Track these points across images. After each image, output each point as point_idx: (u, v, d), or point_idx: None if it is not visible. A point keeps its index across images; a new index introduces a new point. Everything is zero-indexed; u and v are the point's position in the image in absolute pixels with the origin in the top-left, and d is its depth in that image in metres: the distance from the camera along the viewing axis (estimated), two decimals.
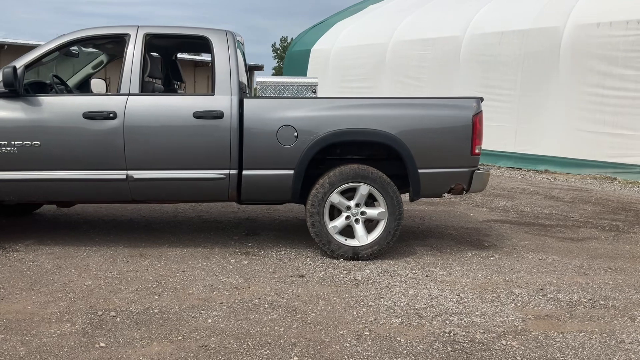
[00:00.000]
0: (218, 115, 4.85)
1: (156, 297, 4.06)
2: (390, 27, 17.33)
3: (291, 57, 20.91)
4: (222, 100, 4.89)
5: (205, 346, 3.29)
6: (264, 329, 3.55)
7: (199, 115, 4.85)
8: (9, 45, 34.61)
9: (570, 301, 4.23)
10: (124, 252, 5.12)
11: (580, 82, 12.42)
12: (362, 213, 5.08)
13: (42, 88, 5.21)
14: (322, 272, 4.73)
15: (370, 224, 5.16)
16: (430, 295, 4.26)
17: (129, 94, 4.88)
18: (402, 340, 3.45)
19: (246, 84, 5.20)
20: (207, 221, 6.54)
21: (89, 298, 3.99)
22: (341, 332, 3.53)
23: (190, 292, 4.18)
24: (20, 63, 4.84)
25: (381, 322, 3.71)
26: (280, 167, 4.95)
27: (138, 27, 5.05)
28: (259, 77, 5.11)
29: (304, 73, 19.71)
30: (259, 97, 5.06)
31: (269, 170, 4.97)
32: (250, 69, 38.35)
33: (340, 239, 5.06)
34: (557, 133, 12.83)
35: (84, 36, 5.05)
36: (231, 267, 4.80)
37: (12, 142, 4.77)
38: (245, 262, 4.93)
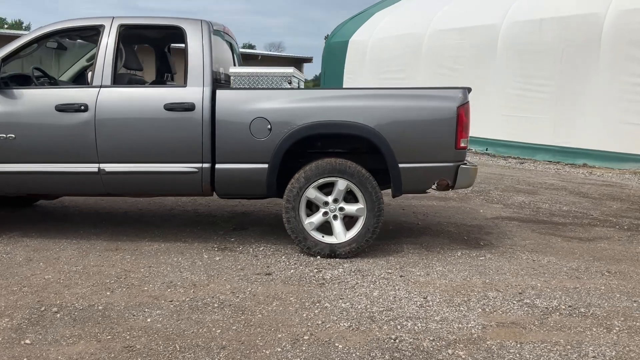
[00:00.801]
0: (189, 107, 4.73)
1: (108, 293, 3.98)
2: (427, 16, 16.88)
3: (329, 49, 20.69)
4: (194, 92, 4.76)
5: (131, 347, 3.18)
6: (201, 330, 3.41)
7: (170, 107, 4.74)
8: None
9: (546, 307, 3.91)
10: (102, 246, 5.08)
11: (623, 71, 11.72)
12: (341, 209, 4.87)
13: (25, 81, 5.21)
14: (292, 270, 4.55)
15: (351, 221, 4.93)
16: (395, 297, 4.02)
17: (100, 86, 4.82)
18: (340, 346, 3.24)
19: (232, 74, 4.99)
20: (201, 215, 6.46)
21: (41, 292, 3.95)
22: (279, 336, 3.35)
23: (146, 289, 4.08)
24: None
25: (328, 326, 3.51)
26: (254, 160, 4.79)
27: (113, 18, 4.98)
28: (233, 68, 4.94)
29: (341, 65, 19.50)
30: (232, 89, 4.90)
31: (242, 164, 4.82)
32: (299, 61, 38.28)
33: (317, 236, 4.87)
34: (597, 125, 12.16)
35: (60, 28, 5.02)
36: (201, 263, 4.68)
37: None
38: (218, 259, 4.80)
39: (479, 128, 14.57)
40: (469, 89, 4.91)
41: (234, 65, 5.87)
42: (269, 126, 4.73)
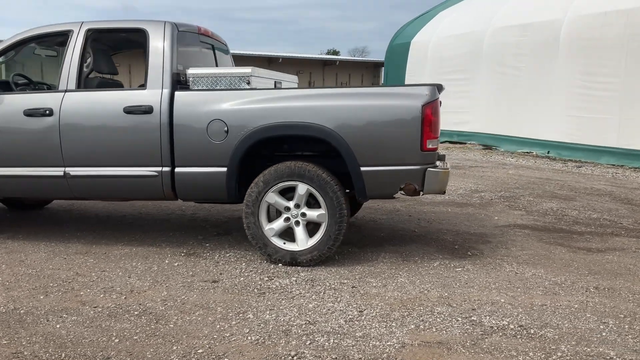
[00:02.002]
0: (147, 110, 4.67)
1: (42, 297, 3.97)
2: (489, 13, 16.17)
3: (392, 51, 20.28)
4: (152, 94, 4.70)
5: (19, 353, 3.12)
6: (101, 338, 3.31)
7: (128, 110, 4.70)
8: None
9: (492, 327, 3.51)
10: (75, 249, 5.12)
11: None
12: (303, 215, 4.64)
13: (8, 87, 5.34)
14: (242, 278, 4.37)
15: (317, 227, 4.68)
16: (329, 309, 3.75)
17: (65, 91, 4.86)
18: None
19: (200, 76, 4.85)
20: (196, 219, 6.41)
21: None
22: (174, 348, 3.19)
23: (82, 293, 4.04)
24: None
25: (233, 339, 3.30)
26: (212, 164, 4.66)
27: (82, 23, 5.01)
28: (191, 69, 4.82)
29: (403, 66, 19.08)
30: (190, 90, 4.79)
31: (201, 167, 4.70)
32: (377, 66, 37.87)
33: (278, 243, 4.66)
34: None
35: (34, 35, 5.12)
36: (157, 268, 4.60)
37: None
38: (176, 264, 4.71)
39: (541, 130, 13.78)
40: (439, 86, 4.54)
41: (216, 67, 5.76)
42: (226, 128, 4.58)
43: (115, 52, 6.11)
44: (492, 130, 15.50)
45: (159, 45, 4.77)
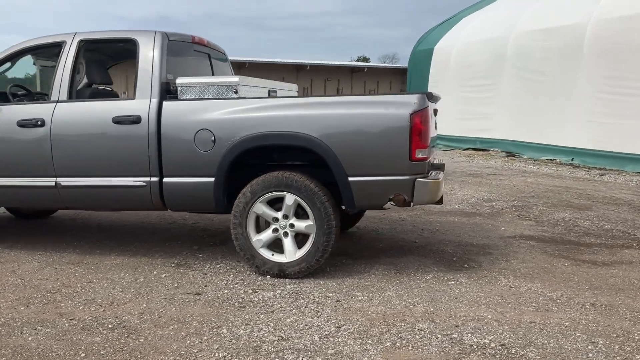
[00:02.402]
0: (135, 120, 4.64)
1: (23, 308, 3.96)
2: (513, 18, 15.88)
3: (415, 57, 20.09)
4: (141, 104, 4.68)
5: None
6: (67, 352, 3.27)
7: (117, 120, 4.68)
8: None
9: (472, 345, 3.36)
10: (68, 259, 5.13)
11: None
12: (291, 226, 4.55)
13: (7, 98, 5.38)
14: (226, 291, 4.30)
15: (306, 238, 4.59)
16: (307, 325, 3.65)
17: (57, 101, 4.87)
18: None
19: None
20: (196, 229, 6.38)
21: None
22: None
23: (62, 305, 4.02)
24: None
25: (199, 356, 3.23)
26: (200, 174, 4.61)
27: (75, 34, 5.03)
28: (180, 79, 4.78)
29: (426, 73, 18.88)
30: (179, 100, 4.75)
31: (189, 177, 4.65)
32: (405, 72, 37.33)
33: (267, 254, 4.58)
34: None
35: (30, 46, 5.16)
36: (143, 279, 4.57)
37: None
38: (164, 276, 4.67)
39: (565, 136, 13.45)
40: (429, 95, 4.41)
41: (212, 74, 5.72)
42: (213, 138, 4.53)
43: (114, 63, 6.13)
44: (515, 137, 15.19)
45: (148, 54, 4.75)
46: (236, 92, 4.60)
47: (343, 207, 4.58)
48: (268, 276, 4.59)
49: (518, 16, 15.51)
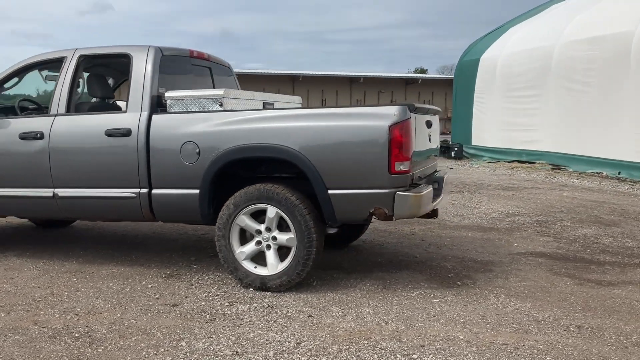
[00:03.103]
0: (126, 133, 4.74)
1: (3, 315, 4.08)
2: (558, 27, 15.40)
3: (461, 68, 19.74)
4: (131, 117, 4.77)
5: None
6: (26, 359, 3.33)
7: (109, 133, 4.79)
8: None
9: None
10: (66, 268, 5.26)
11: None
12: (274, 238, 4.52)
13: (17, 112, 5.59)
14: (203, 302, 4.31)
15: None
16: (268, 340, 3.60)
17: (56, 115, 5.03)
18: None
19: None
20: (201, 240, 6.44)
21: None
22: None
23: (42, 313, 4.12)
24: None
25: None
26: (186, 186, 4.65)
27: (76, 49, 5.18)
28: (169, 92, 4.84)
29: (472, 84, 18.52)
30: (167, 113, 4.81)
31: (176, 189, 4.70)
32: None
33: (249, 266, 4.57)
34: None
35: (35, 61, 5.36)
36: (129, 289, 4.64)
37: None
38: (150, 286, 4.72)
39: (612, 149, 12.90)
40: (411, 106, 4.30)
41: (213, 88, 5.78)
42: (198, 150, 4.56)
43: (125, 78, 6.26)
44: (561, 149, 14.66)
45: (141, 69, 4.84)
46: (221, 105, 4.63)
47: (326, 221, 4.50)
48: (251, 289, 4.56)
49: (564, 25, 15.02)
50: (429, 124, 4.92)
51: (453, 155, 18.21)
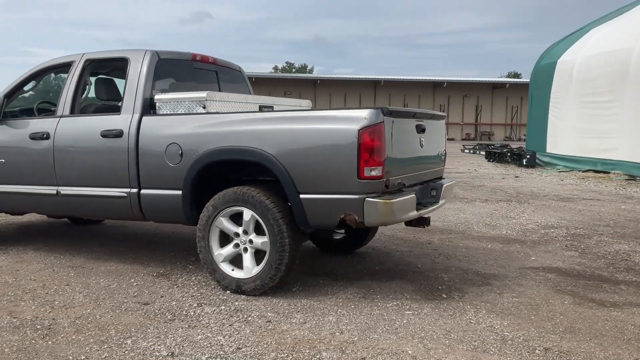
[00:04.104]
0: (118, 134, 4.89)
1: None
2: (638, 29, 14.40)
3: (537, 72, 18.90)
4: (124, 119, 4.91)
5: None
6: None
7: (104, 134, 4.96)
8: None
9: None
10: (71, 263, 5.49)
11: None
12: (250, 242, 4.52)
13: (37, 112, 5.90)
14: (174, 303, 4.37)
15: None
16: (211, 343, 3.60)
17: (61, 116, 5.27)
18: None
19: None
20: None
21: None
22: None
23: (22, 304, 4.32)
24: (1, 94, 5.64)
25: None
26: (170, 186, 4.73)
27: (83, 54, 5.42)
28: (158, 95, 4.94)
29: (548, 88, 17.72)
30: (156, 115, 4.91)
31: (162, 189, 4.79)
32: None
33: (227, 269, 4.58)
34: None
35: (49, 66, 5.64)
36: (114, 286, 4.77)
37: None
38: (135, 284, 4.84)
39: None
40: (384, 109, 4.16)
41: (219, 91, 5.85)
42: (180, 152, 4.63)
43: None
44: (638, 158, 13.70)
45: (136, 71, 4.98)
46: (204, 107, 4.67)
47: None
48: (228, 291, 4.57)
49: None
50: (420, 129, 4.74)
51: (525, 163, 17.47)
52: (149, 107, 4.92)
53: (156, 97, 4.84)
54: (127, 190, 4.90)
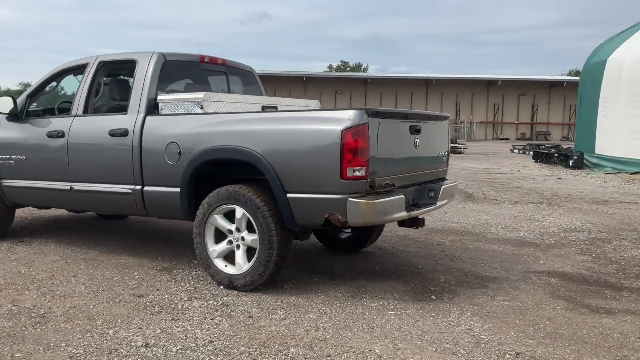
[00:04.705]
0: (123, 133, 5.10)
1: None
2: None
3: (587, 70, 18.31)
4: (129, 119, 5.12)
5: None
6: None
7: (111, 133, 5.19)
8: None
9: None
10: (85, 256, 5.74)
11: None
12: (242, 239, 4.65)
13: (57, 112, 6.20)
14: (167, 296, 4.54)
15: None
16: (187, 336, 3.73)
17: (75, 116, 5.54)
18: None
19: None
20: None
21: None
22: (5, 349, 3.50)
23: (26, 293, 4.57)
24: (25, 94, 5.98)
25: (59, 351, 3.49)
26: (170, 184, 4.90)
27: (97, 56, 5.67)
28: (161, 95, 5.12)
29: (597, 88, 17.17)
30: (158, 115, 5.10)
31: (163, 187, 4.97)
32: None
33: (220, 265, 4.73)
34: None
35: (68, 67, 5.92)
36: (117, 278, 4.98)
37: (12, 156, 5.92)
38: (137, 277, 5.04)
39: None
40: (370, 110, 4.20)
41: (228, 92, 6.00)
42: (179, 150, 4.80)
43: None
44: None
45: (142, 73, 5.18)
46: (201, 108, 4.81)
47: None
48: (221, 286, 4.70)
49: None
50: (414, 130, 4.74)
51: (572, 164, 16.98)
52: (153, 108, 5.10)
53: (159, 97, 5.01)
54: (132, 187, 5.10)
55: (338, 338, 3.70)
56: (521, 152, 25.19)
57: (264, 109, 5.38)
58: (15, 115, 5.89)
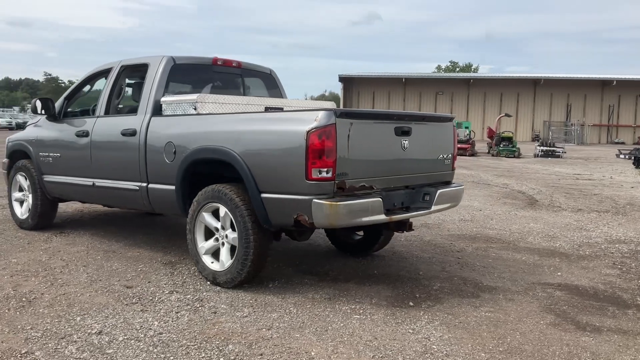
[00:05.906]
0: (132, 133, 5.40)
1: (7, 277, 5.00)
2: None
3: None
4: (138, 120, 5.41)
5: None
6: None
7: (123, 133, 5.50)
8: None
9: None
10: (107, 248, 6.07)
11: None
12: (226, 237, 4.78)
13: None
14: (152, 288, 4.74)
15: None
16: (144, 327, 3.89)
17: (98, 117, 5.93)
18: None
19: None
20: None
21: None
22: None
23: (33, 279, 4.94)
24: (63, 96, 6.48)
25: (17, 331, 3.77)
26: (168, 182, 5.12)
27: (121, 61, 6.03)
28: (164, 97, 5.34)
29: None
30: (161, 116, 5.32)
31: (163, 184, 5.20)
32: None
33: (207, 261, 4.88)
34: None
35: (97, 71, 6.33)
36: (121, 270, 5.26)
37: (50, 154, 6.44)
38: (141, 269, 5.29)
39: None
40: (338, 111, 4.17)
41: (242, 94, 6.14)
42: (174, 150, 5.01)
43: None
44: None
45: (152, 76, 5.44)
46: (195, 109, 4.98)
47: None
48: (209, 281, 4.85)
49: None
50: (400, 132, 4.63)
51: None
52: (159, 109, 5.33)
53: (162, 99, 5.24)
54: (139, 184, 5.36)
55: (283, 338, 3.71)
56: (627, 157, 23.48)
57: (267, 110, 5.45)
58: (53, 116, 6.36)
